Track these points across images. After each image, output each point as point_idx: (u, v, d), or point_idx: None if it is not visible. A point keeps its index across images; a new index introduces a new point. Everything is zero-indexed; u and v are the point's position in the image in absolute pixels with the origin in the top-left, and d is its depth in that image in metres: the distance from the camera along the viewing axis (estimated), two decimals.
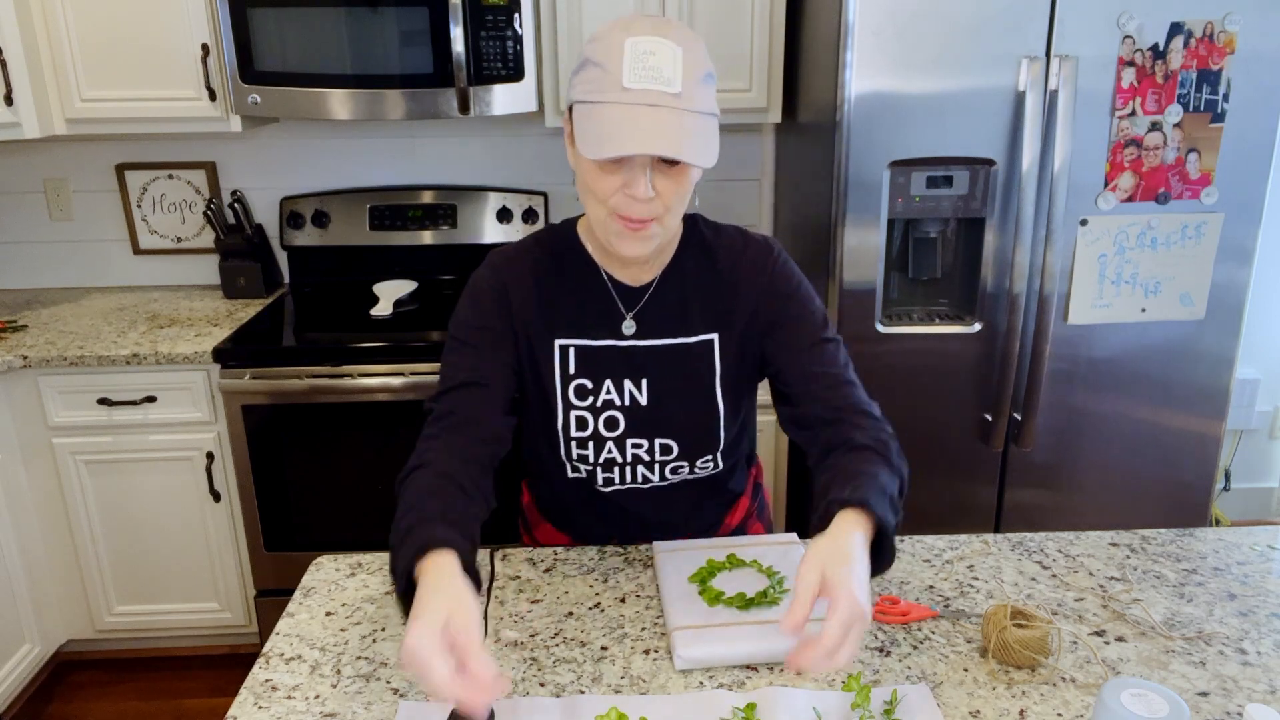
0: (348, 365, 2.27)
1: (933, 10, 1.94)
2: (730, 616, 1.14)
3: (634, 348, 1.23)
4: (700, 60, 1.06)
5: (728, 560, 1.26)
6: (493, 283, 1.22)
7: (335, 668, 1.10)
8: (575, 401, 1.24)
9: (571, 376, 1.23)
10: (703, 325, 1.24)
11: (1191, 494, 2.29)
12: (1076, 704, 1.02)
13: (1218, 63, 1.99)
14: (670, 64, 1.03)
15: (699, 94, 1.05)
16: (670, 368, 1.24)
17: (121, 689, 2.51)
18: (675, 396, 1.24)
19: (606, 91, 1.03)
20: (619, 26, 1.06)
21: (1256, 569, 1.28)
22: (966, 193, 2.07)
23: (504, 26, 2.27)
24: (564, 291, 1.23)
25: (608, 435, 1.24)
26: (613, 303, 1.23)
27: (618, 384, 1.23)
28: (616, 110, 1.02)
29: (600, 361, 1.23)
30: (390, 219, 2.76)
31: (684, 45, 1.05)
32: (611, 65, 1.03)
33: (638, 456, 1.26)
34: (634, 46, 1.03)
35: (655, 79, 1.02)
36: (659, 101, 1.02)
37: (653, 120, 1.01)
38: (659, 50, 1.03)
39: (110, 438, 2.33)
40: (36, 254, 2.87)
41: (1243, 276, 2.13)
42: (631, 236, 1.10)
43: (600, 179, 1.08)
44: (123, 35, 2.32)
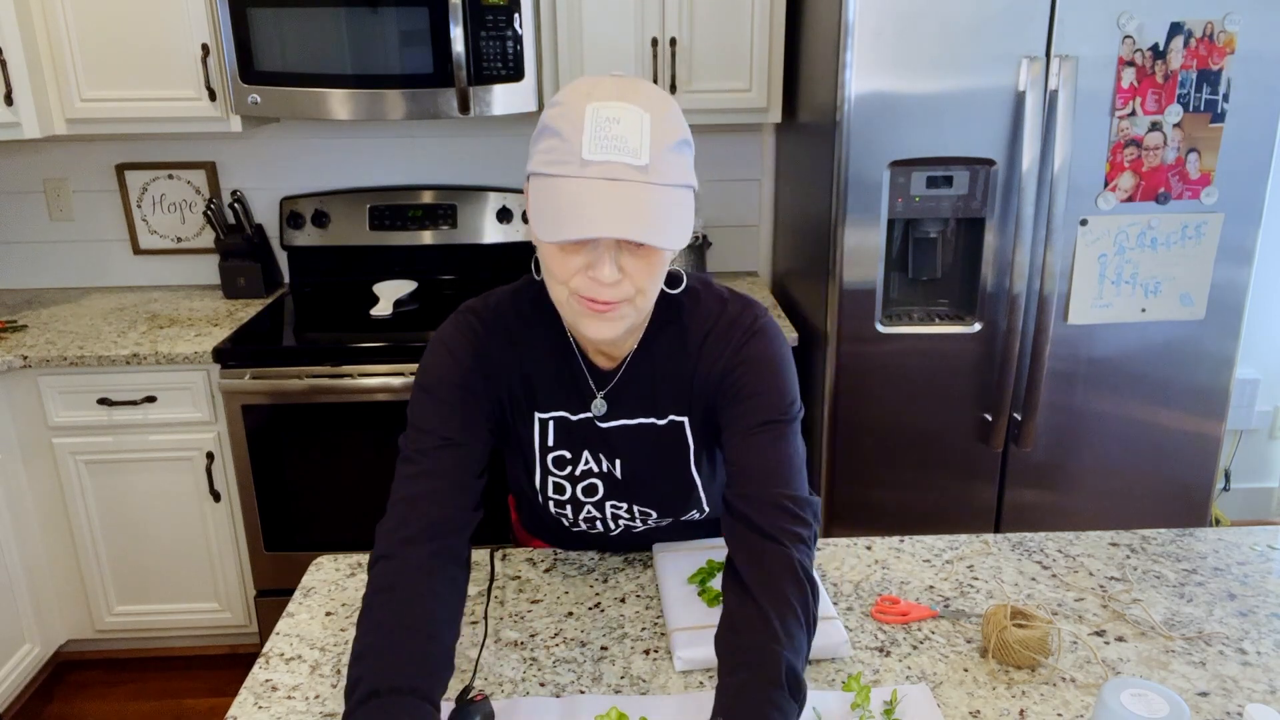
0: (348, 365, 2.27)
1: (933, 10, 1.94)
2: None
3: (607, 429, 1.18)
4: (672, 127, 0.95)
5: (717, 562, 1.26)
6: (473, 344, 1.12)
7: (335, 668, 1.10)
8: (554, 470, 1.20)
9: (550, 448, 1.19)
10: (672, 408, 1.17)
11: (1191, 494, 2.29)
12: (1076, 704, 1.02)
13: (1218, 63, 1.99)
14: (636, 133, 0.92)
15: (669, 165, 0.94)
16: (643, 447, 1.19)
17: (121, 689, 2.51)
18: (650, 473, 1.20)
19: (565, 164, 0.92)
20: (582, 91, 0.95)
21: (1256, 569, 1.28)
22: (966, 193, 2.07)
23: (504, 26, 2.27)
24: (540, 364, 1.15)
25: (586, 500, 1.22)
26: (585, 380, 1.16)
27: (595, 456, 1.19)
28: (575, 185, 0.91)
29: (578, 434, 1.18)
30: (390, 219, 2.76)
31: (652, 111, 0.94)
32: (571, 134, 0.92)
33: (617, 515, 1.24)
34: (595, 113, 0.92)
35: (619, 150, 0.91)
36: (622, 175, 0.91)
37: (615, 197, 0.91)
38: (623, 117, 0.92)
39: (110, 438, 2.33)
40: (36, 254, 2.87)
41: (1243, 276, 2.13)
42: (598, 318, 0.99)
43: (560, 260, 0.97)
44: (123, 35, 2.32)
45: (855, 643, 1.13)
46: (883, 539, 1.37)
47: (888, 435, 2.20)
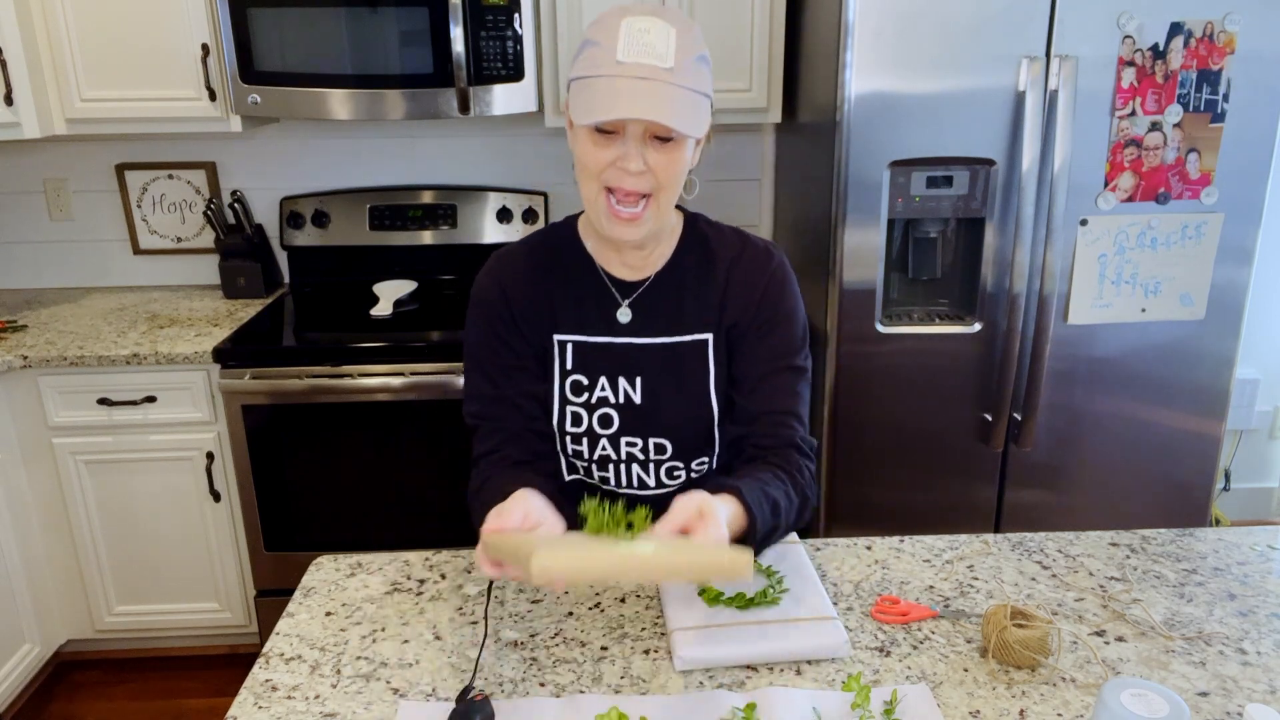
0: (348, 365, 2.27)
1: (933, 10, 1.94)
2: (730, 617, 1.14)
3: (629, 345, 1.23)
4: (694, 43, 1.09)
5: None
6: (492, 291, 1.24)
7: (335, 668, 1.10)
8: (571, 397, 1.24)
9: (568, 372, 1.23)
10: (697, 325, 1.23)
11: (1191, 494, 2.29)
12: (1076, 704, 1.02)
13: (1218, 63, 1.99)
14: (663, 41, 1.06)
15: (691, 72, 1.08)
16: (664, 367, 1.23)
17: (121, 689, 2.51)
18: (669, 396, 1.24)
19: (601, 66, 1.06)
20: (617, 10, 1.09)
21: (1256, 569, 1.28)
22: (966, 193, 2.07)
23: (504, 26, 2.27)
24: (561, 286, 1.24)
25: (601, 433, 1.24)
26: (609, 294, 1.24)
27: (612, 381, 1.23)
28: (609, 81, 1.05)
29: (596, 358, 1.23)
30: (390, 219, 2.76)
31: (678, 26, 1.08)
32: (607, 42, 1.06)
33: (632, 455, 1.26)
34: (629, 25, 1.07)
35: (648, 54, 1.05)
36: (651, 75, 1.05)
37: (644, 89, 1.04)
38: (653, 29, 1.06)
39: (110, 438, 2.33)
40: (36, 254, 2.87)
41: (1243, 276, 2.13)
42: (622, 223, 1.12)
43: (593, 152, 1.09)
44: (123, 35, 2.32)
45: (855, 643, 1.13)
46: (883, 539, 1.37)
47: (888, 435, 2.20)
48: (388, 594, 1.25)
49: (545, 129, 2.75)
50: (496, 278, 1.25)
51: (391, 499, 2.38)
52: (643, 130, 1.07)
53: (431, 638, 1.15)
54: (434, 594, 1.24)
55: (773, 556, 1.27)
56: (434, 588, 1.26)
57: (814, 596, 1.18)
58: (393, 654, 1.12)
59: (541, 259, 1.26)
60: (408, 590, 1.25)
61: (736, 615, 1.15)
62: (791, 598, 1.18)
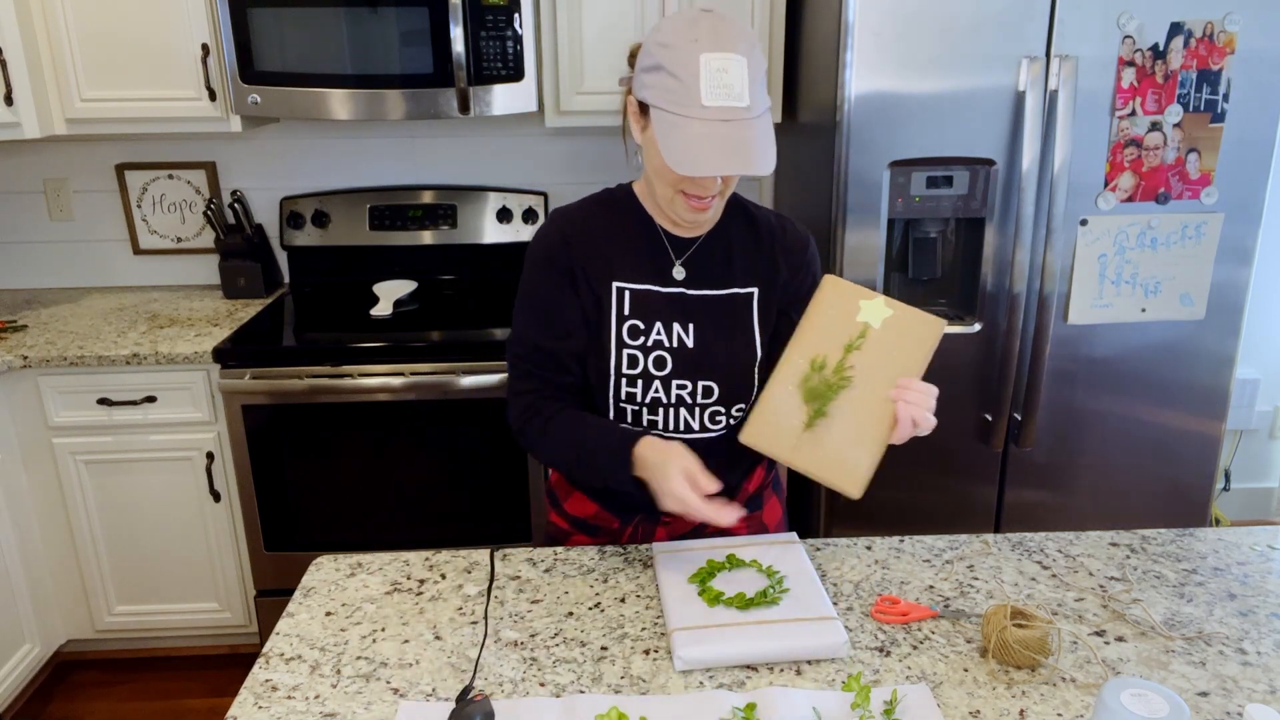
0: (348, 365, 2.27)
1: (933, 10, 1.94)
2: (730, 617, 1.14)
3: (684, 295, 1.33)
4: (758, 63, 1.18)
5: (727, 560, 1.26)
6: (554, 237, 1.34)
7: (335, 668, 1.10)
8: (628, 340, 1.32)
9: (625, 317, 1.33)
10: (745, 279, 1.35)
11: (1191, 494, 2.29)
12: (1076, 704, 1.02)
13: (1218, 63, 1.99)
14: (739, 79, 1.15)
15: (759, 96, 1.17)
16: (715, 314, 1.34)
17: (121, 689, 2.51)
18: (719, 339, 1.34)
19: (687, 106, 1.15)
20: (687, 35, 1.15)
21: (1256, 569, 1.28)
22: (966, 193, 2.07)
23: (504, 26, 2.27)
24: (620, 240, 1.35)
25: (656, 374, 1.32)
26: (664, 250, 1.34)
27: (667, 327, 1.32)
28: (698, 127, 1.14)
29: (652, 305, 1.33)
30: (390, 219, 2.76)
31: (747, 54, 1.16)
32: (688, 79, 1.14)
33: (681, 399, 1.33)
34: (708, 63, 1.14)
35: (729, 95, 1.14)
36: (733, 116, 1.15)
37: (728, 138, 1.14)
38: (730, 67, 1.14)
39: (110, 438, 2.33)
40: (36, 254, 2.87)
41: (1243, 276, 2.13)
42: (696, 213, 1.27)
43: (673, 171, 1.20)
44: (123, 35, 2.32)
45: (855, 643, 1.13)
46: (883, 539, 1.37)
47: None
48: (388, 594, 1.25)
49: (545, 129, 2.75)
50: (560, 228, 1.35)
51: (391, 499, 2.38)
52: None
53: (431, 638, 1.15)
54: (434, 594, 1.24)
55: (773, 556, 1.27)
56: (434, 588, 1.26)
57: (814, 597, 1.18)
58: (393, 654, 1.12)
59: (601, 214, 1.36)
60: (408, 590, 1.25)
61: (736, 615, 1.15)
62: (792, 598, 1.18)
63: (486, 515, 2.40)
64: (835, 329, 1.24)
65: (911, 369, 1.20)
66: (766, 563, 1.26)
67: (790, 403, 1.23)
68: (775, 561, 1.26)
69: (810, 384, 1.23)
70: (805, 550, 1.31)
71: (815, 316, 1.26)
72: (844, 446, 1.20)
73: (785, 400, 1.23)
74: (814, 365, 1.23)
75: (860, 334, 1.23)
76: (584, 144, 2.81)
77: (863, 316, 1.24)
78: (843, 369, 1.22)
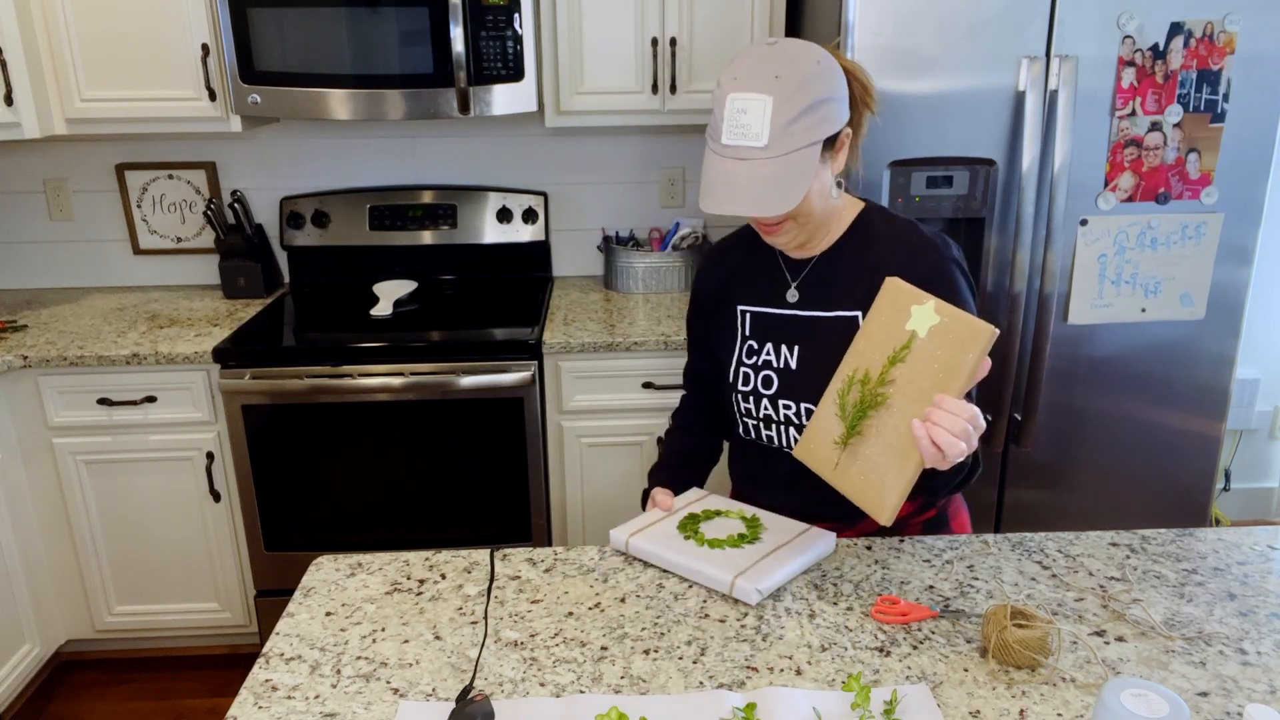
0: (348, 365, 2.27)
1: (933, 10, 1.94)
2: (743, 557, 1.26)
3: (794, 317, 1.38)
4: (794, 96, 1.16)
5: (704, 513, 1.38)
6: (702, 272, 1.50)
7: (335, 668, 1.10)
8: (744, 360, 1.40)
9: (746, 338, 1.41)
10: (847, 303, 1.34)
11: (1191, 494, 2.29)
12: (1076, 704, 1.02)
13: (1218, 63, 1.99)
14: (759, 119, 1.16)
15: (787, 137, 1.17)
16: (821, 336, 1.35)
17: (121, 689, 2.51)
18: (820, 362, 1.33)
19: (714, 141, 1.21)
20: (729, 73, 1.20)
21: (1256, 569, 1.28)
22: (966, 193, 2.07)
23: (504, 26, 2.27)
24: (750, 265, 1.43)
25: (764, 393, 1.38)
26: (781, 274, 1.39)
27: (776, 348, 1.38)
28: (717, 165, 1.20)
29: (768, 326, 1.39)
30: (390, 219, 2.76)
31: (776, 94, 1.16)
32: (718, 116, 1.20)
33: (789, 418, 1.37)
34: (732, 104, 1.18)
35: (744, 135, 1.17)
36: (747, 156, 1.17)
37: (738, 177, 1.18)
38: (749, 108, 1.17)
39: (110, 438, 2.33)
40: (36, 254, 2.87)
41: (1243, 276, 2.13)
42: (772, 240, 1.33)
43: None
44: (123, 35, 2.32)
45: (855, 643, 1.13)
46: (883, 539, 1.37)
47: None
48: (388, 594, 1.25)
49: (545, 129, 2.75)
50: (707, 267, 1.49)
51: (391, 499, 2.38)
52: None
53: (431, 638, 1.15)
54: (434, 594, 1.24)
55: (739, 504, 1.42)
56: (434, 588, 1.26)
57: (790, 527, 1.34)
58: (393, 654, 1.12)
59: (742, 244, 1.45)
60: (408, 590, 1.25)
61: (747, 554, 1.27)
62: (771, 533, 1.33)
63: (486, 515, 2.40)
64: (884, 337, 1.15)
65: (952, 384, 1.08)
66: (736, 508, 1.39)
67: (830, 418, 1.18)
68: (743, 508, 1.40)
69: (847, 399, 1.16)
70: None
71: (870, 322, 1.18)
72: (875, 470, 1.12)
73: (828, 416, 1.18)
74: (851, 380, 1.16)
75: (905, 344, 1.13)
76: (584, 144, 2.81)
77: (912, 324, 1.13)
78: (882, 383, 1.13)
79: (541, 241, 2.79)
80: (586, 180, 2.84)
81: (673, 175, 2.84)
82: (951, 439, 1.04)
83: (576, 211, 2.86)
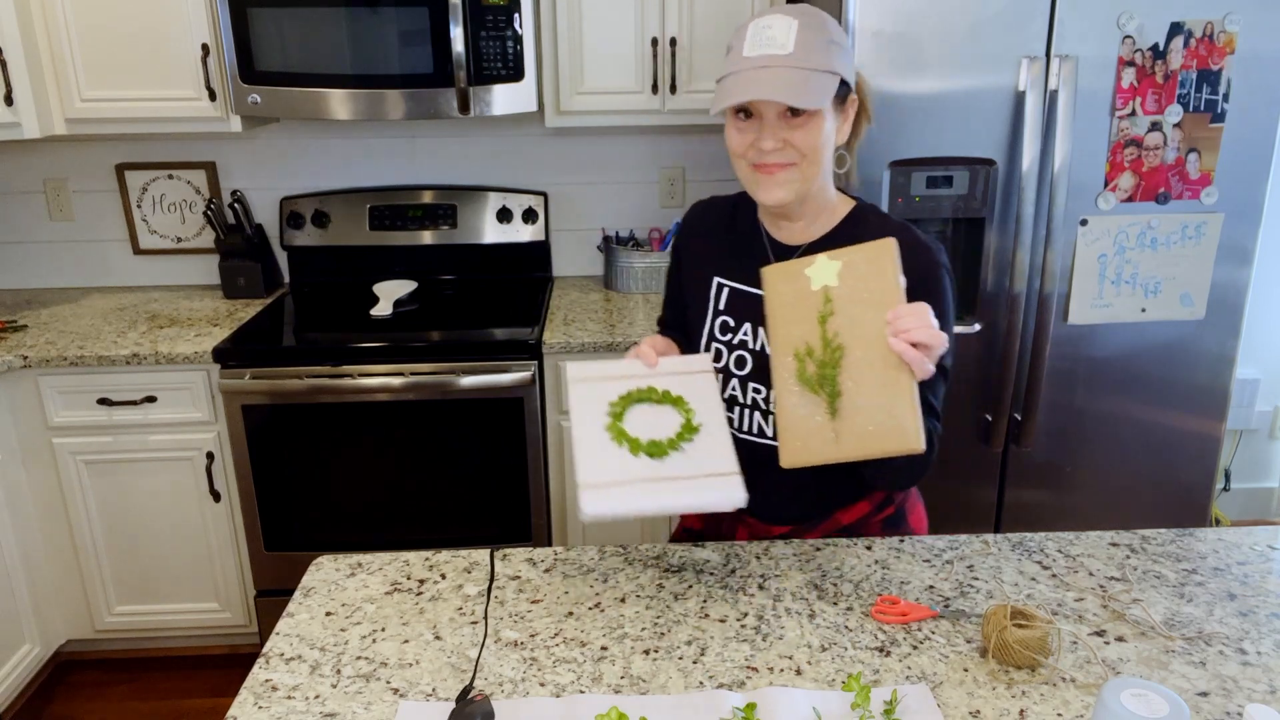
0: (348, 365, 2.27)
1: (933, 10, 1.94)
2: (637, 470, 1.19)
3: None
4: (819, 30, 1.19)
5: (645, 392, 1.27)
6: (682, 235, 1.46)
7: (335, 668, 1.10)
8: (717, 334, 1.37)
9: (720, 312, 1.37)
10: None
11: (1191, 494, 2.29)
12: (1076, 704, 1.02)
13: (1218, 63, 1.99)
14: (784, 33, 1.18)
15: (813, 52, 1.17)
16: None
17: (121, 689, 2.51)
18: None
19: (732, 64, 1.20)
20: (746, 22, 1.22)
21: (1256, 569, 1.28)
22: (966, 193, 2.07)
23: (504, 26, 2.27)
24: (733, 237, 1.39)
25: (736, 372, 1.35)
26: (766, 256, 1.35)
27: (755, 329, 1.34)
28: (736, 75, 1.19)
29: (745, 305, 1.35)
30: (390, 219, 2.76)
31: (801, 19, 1.18)
32: (738, 44, 1.21)
33: (756, 402, 1.34)
34: (756, 25, 1.20)
35: (770, 45, 1.18)
36: (771, 63, 1.17)
37: (763, 75, 1.16)
38: (775, 24, 1.19)
39: (110, 438, 2.33)
40: (36, 254, 2.87)
41: (1243, 276, 2.13)
42: (766, 180, 1.24)
43: (735, 137, 1.24)
44: (123, 35, 2.32)
45: (855, 643, 1.13)
46: (883, 539, 1.37)
47: None
48: (388, 594, 1.25)
49: (545, 129, 2.75)
50: (687, 217, 1.46)
51: (391, 499, 2.37)
52: (774, 112, 1.19)
53: (431, 638, 1.15)
54: (434, 594, 1.24)
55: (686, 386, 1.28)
56: (434, 588, 1.26)
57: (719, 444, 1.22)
58: (393, 654, 1.12)
59: (723, 212, 1.42)
60: (408, 590, 1.25)
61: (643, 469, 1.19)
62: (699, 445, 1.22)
63: (486, 515, 2.40)
64: (799, 311, 1.18)
65: (890, 299, 1.11)
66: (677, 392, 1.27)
67: (803, 403, 1.16)
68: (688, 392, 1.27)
69: (807, 374, 1.16)
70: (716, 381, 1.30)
71: (773, 310, 1.20)
72: (879, 412, 1.11)
73: (797, 404, 1.17)
74: (799, 355, 1.17)
75: (826, 300, 1.16)
76: (584, 144, 2.81)
77: (817, 283, 1.17)
78: (829, 342, 1.15)
79: (541, 241, 2.79)
80: (586, 180, 2.84)
81: (673, 175, 2.84)
82: (929, 333, 1.08)
83: (576, 211, 2.86)
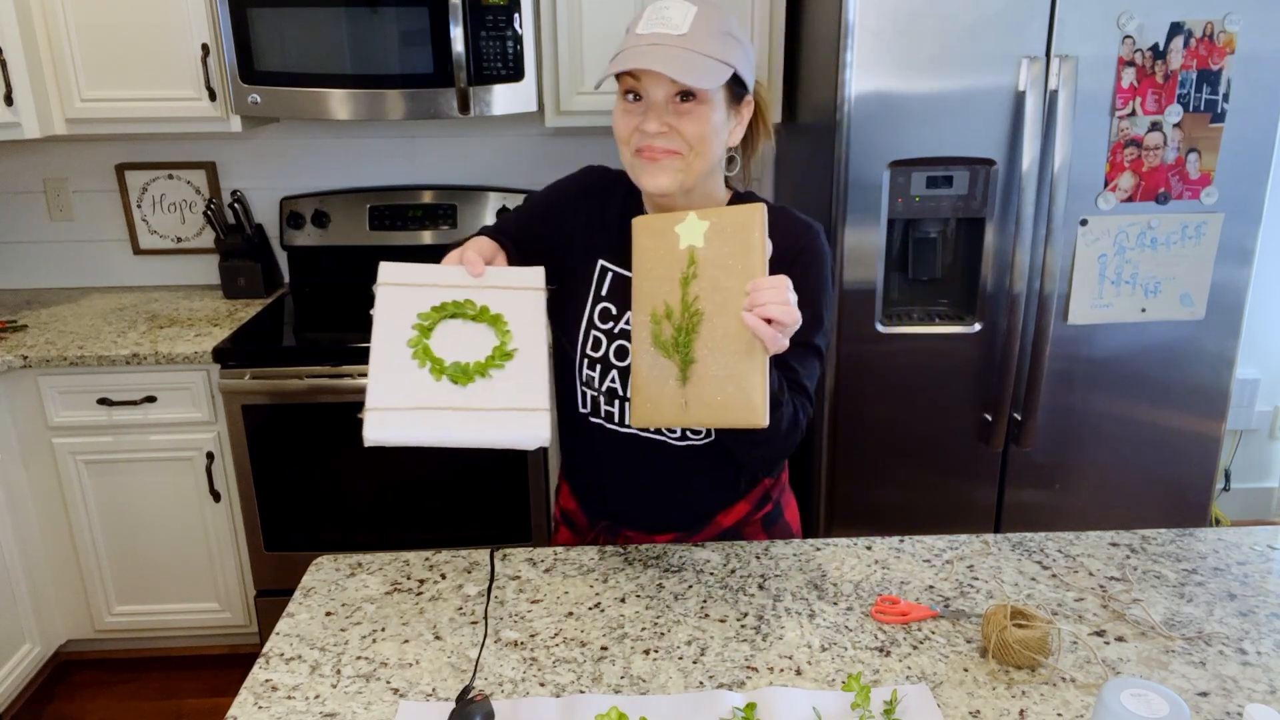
0: (348, 365, 2.27)
1: (933, 10, 1.94)
2: (432, 397, 1.17)
3: None
4: (718, 20, 1.16)
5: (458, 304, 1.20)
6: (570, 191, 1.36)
7: (335, 668, 1.10)
8: (597, 322, 1.31)
9: (601, 298, 1.31)
10: None
11: (1191, 494, 2.29)
12: (1076, 704, 1.02)
13: (1218, 63, 1.99)
14: (680, 15, 1.15)
15: (710, 41, 1.14)
16: None
17: (121, 689, 2.51)
18: None
19: (625, 42, 1.17)
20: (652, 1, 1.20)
21: (1256, 569, 1.28)
22: (966, 193, 2.07)
23: (504, 26, 2.27)
24: (613, 220, 1.31)
25: (616, 363, 1.30)
26: None
27: None
28: (626, 51, 1.15)
29: (629, 292, 1.27)
30: (390, 219, 2.76)
31: (701, 7, 1.15)
32: (633, 26, 1.18)
33: None
34: (654, 6, 1.17)
35: (664, 25, 1.14)
36: (662, 41, 1.13)
37: (651, 51, 1.13)
38: (672, 6, 1.16)
39: (110, 438, 2.33)
40: (36, 254, 2.87)
41: (1243, 276, 2.13)
42: (650, 166, 1.19)
43: (622, 120, 1.20)
44: (123, 35, 2.32)
45: (855, 643, 1.13)
46: (883, 539, 1.37)
47: (888, 435, 2.20)
48: (388, 594, 1.25)
49: (545, 129, 2.75)
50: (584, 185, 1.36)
51: (391, 499, 2.37)
52: (662, 95, 1.15)
53: (431, 638, 1.15)
54: (434, 594, 1.24)
55: (508, 304, 1.21)
56: (434, 588, 1.26)
57: (532, 374, 1.18)
58: (393, 654, 1.12)
59: (611, 191, 1.34)
60: (408, 590, 1.25)
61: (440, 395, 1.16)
62: (509, 374, 1.18)
63: (486, 515, 2.40)
64: (664, 268, 1.13)
65: (754, 269, 1.07)
66: (497, 309, 1.20)
67: (656, 366, 1.12)
68: (510, 311, 1.21)
69: (663, 338, 1.12)
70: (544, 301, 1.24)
71: (640, 264, 1.15)
72: (728, 383, 1.08)
73: (651, 366, 1.13)
74: (655, 317, 1.13)
75: (690, 260, 1.11)
76: (584, 144, 2.81)
77: (684, 242, 1.12)
78: (689, 306, 1.11)
79: None
80: None
81: None
82: (783, 308, 1.05)
83: None
